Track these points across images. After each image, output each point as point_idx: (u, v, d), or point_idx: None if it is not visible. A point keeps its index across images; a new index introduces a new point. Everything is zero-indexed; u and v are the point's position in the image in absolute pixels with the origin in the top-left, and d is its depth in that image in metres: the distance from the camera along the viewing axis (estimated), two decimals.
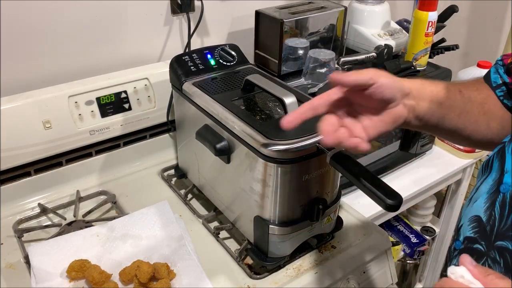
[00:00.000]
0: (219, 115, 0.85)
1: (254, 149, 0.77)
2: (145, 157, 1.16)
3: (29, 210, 1.00)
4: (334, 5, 1.21)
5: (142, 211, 0.95)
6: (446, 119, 0.65)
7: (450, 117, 0.65)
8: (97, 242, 0.88)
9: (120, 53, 1.14)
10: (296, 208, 0.81)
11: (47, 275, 0.81)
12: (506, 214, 0.54)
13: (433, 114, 0.64)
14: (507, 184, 0.55)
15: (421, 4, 1.17)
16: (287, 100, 0.79)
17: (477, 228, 0.58)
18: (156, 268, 0.80)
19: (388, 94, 0.60)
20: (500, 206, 0.55)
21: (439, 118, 0.65)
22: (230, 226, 0.94)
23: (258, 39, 1.19)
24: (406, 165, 1.27)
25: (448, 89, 0.66)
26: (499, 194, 0.56)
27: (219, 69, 1.00)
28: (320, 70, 1.10)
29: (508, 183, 0.55)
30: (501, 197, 0.55)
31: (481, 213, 0.57)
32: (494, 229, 0.55)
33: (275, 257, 0.84)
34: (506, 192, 0.55)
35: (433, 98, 0.64)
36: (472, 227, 0.59)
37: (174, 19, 1.18)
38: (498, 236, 0.54)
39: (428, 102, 0.64)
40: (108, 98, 1.05)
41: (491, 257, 0.55)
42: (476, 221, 0.58)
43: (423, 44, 1.20)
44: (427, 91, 0.64)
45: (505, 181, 0.56)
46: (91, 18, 1.06)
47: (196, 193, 1.05)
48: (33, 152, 0.98)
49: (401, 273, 1.59)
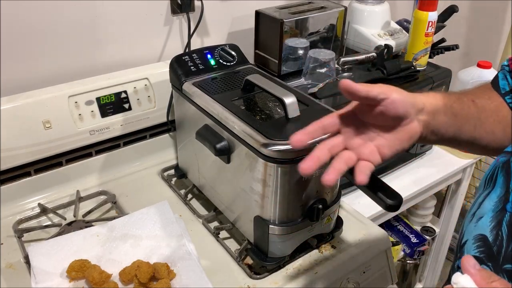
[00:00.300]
0: (219, 115, 0.85)
1: (254, 149, 0.77)
2: (145, 157, 1.16)
3: (29, 210, 1.00)
4: (334, 5, 1.21)
5: (142, 211, 0.95)
6: (462, 131, 0.64)
7: (466, 128, 0.64)
8: (97, 242, 0.88)
9: (120, 53, 1.14)
10: (296, 208, 0.81)
11: (47, 275, 0.81)
12: None
13: (449, 127, 0.63)
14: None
15: (421, 4, 1.17)
16: (287, 100, 0.79)
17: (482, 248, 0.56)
18: (156, 268, 0.80)
19: (401, 110, 0.58)
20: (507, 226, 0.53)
21: (455, 130, 0.63)
22: (230, 226, 0.94)
23: (258, 39, 1.19)
24: (406, 165, 1.27)
25: (461, 100, 0.64)
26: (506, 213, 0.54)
27: (219, 69, 1.00)
28: (320, 70, 1.10)
29: None
30: (508, 216, 0.54)
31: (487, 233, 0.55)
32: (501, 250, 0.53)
33: (275, 257, 0.84)
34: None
35: (448, 111, 0.62)
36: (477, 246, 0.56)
37: (174, 19, 1.18)
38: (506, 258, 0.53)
39: (443, 116, 0.62)
40: (108, 98, 1.05)
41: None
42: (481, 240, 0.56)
43: (423, 44, 1.20)
44: (441, 104, 0.62)
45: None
46: (91, 18, 1.06)
47: (196, 193, 1.05)
48: (33, 152, 0.98)
49: (401, 273, 1.59)
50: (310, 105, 0.86)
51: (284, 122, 0.80)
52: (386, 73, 1.12)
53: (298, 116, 0.80)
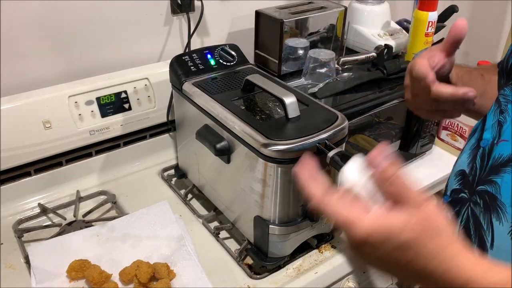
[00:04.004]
0: (219, 115, 0.85)
1: (254, 149, 0.77)
2: (145, 157, 1.16)
3: (29, 210, 1.00)
4: (334, 5, 1.21)
5: (142, 211, 0.95)
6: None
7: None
8: (97, 242, 0.88)
9: (120, 53, 1.14)
10: (296, 208, 0.81)
11: (47, 275, 0.81)
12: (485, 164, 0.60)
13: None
14: (486, 140, 0.61)
15: (421, 4, 1.17)
16: (287, 100, 0.79)
17: (461, 180, 0.64)
18: (156, 268, 0.80)
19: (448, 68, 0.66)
20: (480, 158, 0.61)
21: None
22: (230, 226, 0.94)
23: (258, 39, 1.19)
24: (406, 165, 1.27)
25: (471, 72, 0.72)
26: (480, 148, 0.62)
27: (219, 69, 1.00)
28: (320, 70, 1.10)
29: (487, 138, 0.61)
30: (481, 151, 0.61)
31: (465, 167, 0.63)
32: (475, 178, 0.61)
33: (275, 257, 0.85)
34: (486, 146, 0.61)
35: (459, 80, 0.69)
36: (457, 180, 0.64)
37: (174, 19, 1.18)
38: (479, 182, 0.60)
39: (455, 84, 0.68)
40: (108, 98, 1.05)
41: (472, 201, 0.60)
42: (461, 174, 0.64)
43: (423, 44, 1.20)
44: (454, 74, 0.69)
45: (484, 137, 0.62)
46: (91, 18, 1.06)
47: (196, 193, 1.05)
48: (33, 152, 0.98)
49: None
50: (310, 105, 0.86)
51: (284, 122, 0.80)
52: (386, 73, 1.12)
53: (298, 116, 0.80)
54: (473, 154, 0.63)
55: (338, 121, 0.81)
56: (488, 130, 0.62)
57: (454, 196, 0.65)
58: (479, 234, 0.59)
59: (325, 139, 0.76)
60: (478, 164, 0.61)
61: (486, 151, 0.61)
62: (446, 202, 0.67)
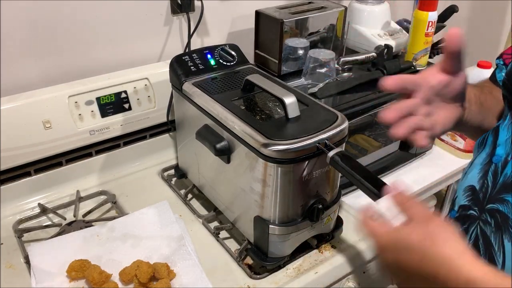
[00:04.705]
0: (219, 115, 0.85)
1: (254, 149, 0.77)
2: (145, 157, 1.16)
3: (29, 210, 1.00)
4: (334, 5, 1.21)
5: (142, 211, 0.95)
6: (485, 121, 0.68)
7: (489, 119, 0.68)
8: (97, 242, 0.88)
9: (120, 53, 1.14)
10: (296, 208, 0.81)
11: (47, 275, 0.81)
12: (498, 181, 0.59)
13: (477, 116, 0.67)
14: (499, 156, 0.60)
15: (421, 4, 1.17)
16: (287, 100, 0.79)
17: (471, 196, 0.63)
18: (156, 268, 0.80)
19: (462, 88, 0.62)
20: (492, 175, 0.60)
21: (481, 120, 0.68)
22: (230, 226, 0.94)
23: (258, 39, 1.19)
24: (406, 165, 1.27)
25: (482, 91, 0.68)
26: (492, 164, 0.60)
27: (219, 69, 1.00)
28: (320, 70, 1.10)
29: (499, 154, 0.60)
30: (493, 167, 0.60)
31: (475, 183, 0.62)
32: (486, 196, 0.60)
33: (275, 257, 0.84)
34: (498, 162, 0.60)
35: (477, 101, 0.67)
36: (466, 196, 0.63)
37: (174, 19, 1.18)
38: (490, 200, 0.59)
39: (474, 105, 0.66)
40: (108, 98, 1.05)
41: (482, 220, 0.59)
42: (470, 190, 0.63)
43: (423, 44, 1.20)
44: (472, 95, 0.66)
45: (497, 153, 0.60)
46: (91, 18, 1.06)
47: (196, 193, 1.05)
48: (33, 152, 0.98)
49: None
50: (310, 105, 0.86)
51: (284, 122, 0.80)
52: (386, 73, 1.12)
53: (298, 116, 0.80)
54: (484, 170, 0.61)
55: (338, 121, 0.81)
56: (501, 146, 0.60)
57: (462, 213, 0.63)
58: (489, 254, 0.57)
59: (325, 139, 0.76)
60: (489, 181, 0.59)
61: (499, 168, 0.59)
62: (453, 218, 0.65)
